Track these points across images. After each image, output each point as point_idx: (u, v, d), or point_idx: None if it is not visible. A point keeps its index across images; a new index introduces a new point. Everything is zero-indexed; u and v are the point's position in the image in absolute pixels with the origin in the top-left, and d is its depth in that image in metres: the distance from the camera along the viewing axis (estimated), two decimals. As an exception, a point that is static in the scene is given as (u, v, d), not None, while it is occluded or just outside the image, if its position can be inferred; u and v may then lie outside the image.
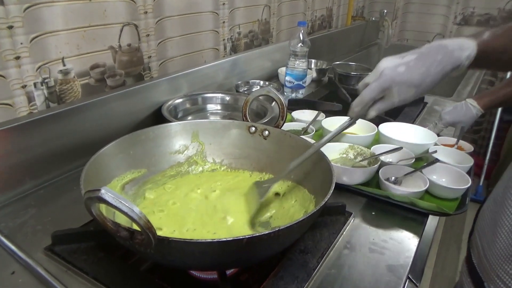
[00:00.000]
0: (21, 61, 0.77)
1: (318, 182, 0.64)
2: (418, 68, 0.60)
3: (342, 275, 0.61)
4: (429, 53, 0.61)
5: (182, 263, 0.51)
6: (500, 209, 0.61)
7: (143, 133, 0.72)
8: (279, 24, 1.66)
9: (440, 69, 0.60)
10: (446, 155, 0.92)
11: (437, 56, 0.60)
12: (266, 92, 0.76)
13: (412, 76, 0.60)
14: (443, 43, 0.62)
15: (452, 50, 0.60)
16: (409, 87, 0.60)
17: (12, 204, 0.74)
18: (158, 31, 1.07)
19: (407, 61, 0.61)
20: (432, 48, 0.62)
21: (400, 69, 0.60)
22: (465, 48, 0.60)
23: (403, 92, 0.61)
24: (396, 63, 0.61)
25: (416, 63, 0.60)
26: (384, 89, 0.61)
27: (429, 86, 0.61)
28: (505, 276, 0.59)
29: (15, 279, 0.57)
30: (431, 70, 0.60)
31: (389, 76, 0.60)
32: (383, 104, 0.63)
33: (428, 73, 0.60)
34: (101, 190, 0.39)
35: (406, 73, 0.60)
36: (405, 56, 0.62)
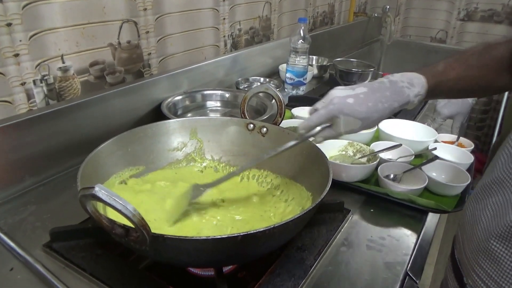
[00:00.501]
0: (20, 58, 0.77)
1: (316, 179, 0.64)
2: (366, 103, 0.61)
3: (339, 272, 0.61)
4: (379, 89, 0.62)
5: (178, 260, 0.51)
6: (479, 206, 0.62)
7: (141, 130, 0.72)
8: (280, 21, 1.65)
9: (387, 105, 0.61)
10: (446, 152, 0.91)
11: (386, 93, 0.62)
12: (265, 89, 0.76)
13: (359, 109, 0.60)
14: (394, 79, 0.63)
15: (401, 87, 0.62)
16: (355, 119, 0.61)
17: (11, 201, 0.75)
18: (157, 28, 1.07)
19: (357, 93, 0.62)
20: (383, 83, 0.63)
21: (349, 100, 0.61)
22: (415, 85, 0.62)
23: (349, 123, 0.61)
24: (346, 93, 0.62)
25: (365, 97, 0.61)
26: (331, 117, 0.62)
27: (376, 121, 0.62)
28: (480, 271, 0.60)
29: (14, 275, 0.58)
30: (378, 106, 0.61)
31: (337, 105, 0.61)
32: (330, 132, 0.64)
33: (375, 109, 0.61)
34: (95, 188, 0.40)
35: (354, 105, 0.60)
36: (356, 88, 0.63)
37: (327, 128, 0.63)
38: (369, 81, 0.64)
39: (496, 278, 0.58)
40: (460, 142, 1.00)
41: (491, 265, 0.59)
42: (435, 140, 0.96)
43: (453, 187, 0.79)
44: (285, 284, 0.56)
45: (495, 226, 0.58)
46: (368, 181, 0.83)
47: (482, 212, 0.61)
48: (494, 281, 0.58)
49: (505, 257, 0.56)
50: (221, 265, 0.56)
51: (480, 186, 0.64)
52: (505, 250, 0.56)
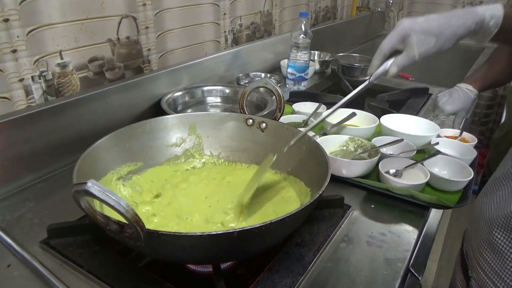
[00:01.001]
0: (18, 54, 0.77)
1: (315, 174, 0.63)
2: (438, 19, 0.59)
3: (339, 268, 0.60)
4: (450, 12, 0.60)
5: (174, 256, 0.51)
6: (487, 199, 0.61)
7: (139, 126, 0.71)
8: (282, 16, 1.64)
9: (461, 22, 0.59)
10: (449, 147, 0.90)
11: (458, 12, 0.60)
12: (264, 84, 0.75)
13: (431, 24, 0.58)
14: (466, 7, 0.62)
15: (474, 8, 0.60)
16: (428, 35, 0.58)
17: (10, 197, 0.75)
18: (157, 23, 1.06)
19: (428, 16, 0.60)
20: (454, 10, 0.61)
21: (419, 19, 0.59)
22: (490, 7, 0.60)
23: (422, 42, 0.58)
24: (416, 17, 0.60)
25: (437, 17, 0.59)
26: (403, 38, 0.59)
27: (451, 37, 0.59)
28: (484, 263, 0.59)
29: (11, 272, 0.58)
30: (451, 21, 0.58)
31: (407, 24, 0.59)
32: (403, 58, 0.60)
33: (448, 24, 0.58)
34: (88, 183, 0.39)
35: (425, 22, 0.58)
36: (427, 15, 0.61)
37: (399, 55, 0.61)
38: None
39: (498, 271, 0.57)
40: (463, 137, 0.98)
41: (493, 258, 0.58)
42: (437, 135, 0.95)
43: (456, 183, 0.77)
44: (283, 280, 0.56)
45: (497, 217, 0.57)
46: (369, 176, 0.82)
47: (488, 205, 0.60)
48: (496, 274, 0.58)
49: (506, 248, 0.56)
50: (218, 261, 0.55)
51: (491, 180, 0.63)
52: (506, 241, 0.56)
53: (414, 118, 1.03)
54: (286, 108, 1.11)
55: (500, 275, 0.57)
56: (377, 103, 1.30)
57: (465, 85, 1.02)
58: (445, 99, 1.03)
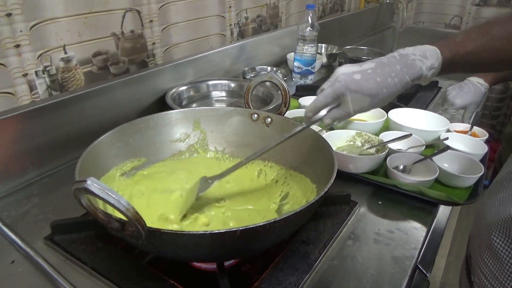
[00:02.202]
0: (21, 49, 0.76)
1: (321, 171, 0.62)
2: (375, 78, 0.57)
3: (345, 266, 0.59)
4: (388, 63, 0.58)
5: (177, 254, 0.50)
6: (489, 200, 0.60)
7: (143, 121, 0.71)
8: (288, 8, 1.62)
9: (398, 80, 0.57)
10: (459, 142, 0.88)
11: (396, 66, 0.57)
12: (269, 78, 0.73)
13: (367, 85, 0.56)
14: (405, 52, 0.59)
15: (413, 60, 0.58)
16: (364, 96, 0.57)
17: (15, 193, 0.75)
18: (161, 17, 1.04)
19: (364, 69, 0.58)
20: (393, 58, 0.59)
21: (355, 76, 0.57)
22: (428, 57, 0.58)
23: (357, 101, 0.57)
24: (353, 70, 0.58)
25: (373, 72, 0.57)
26: (338, 96, 0.58)
27: (386, 97, 0.58)
28: (484, 267, 0.58)
29: (15, 268, 0.57)
30: (388, 81, 0.57)
31: (344, 82, 0.57)
32: (338, 112, 0.60)
33: (384, 84, 0.57)
34: (87, 181, 0.38)
35: (361, 81, 0.57)
36: (363, 64, 0.59)
37: (334, 109, 0.60)
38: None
39: (497, 275, 0.56)
40: (473, 132, 0.96)
41: (493, 261, 0.57)
42: (447, 130, 0.93)
43: (465, 179, 0.76)
44: (288, 278, 0.55)
45: (496, 220, 0.56)
46: (376, 172, 0.80)
47: (490, 207, 0.59)
48: (496, 278, 0.56)
49: (504, 252, 0.55)
50: (221, 259, 0.55)
51: (495, 181, 0.62)
52: (504, 245, 0.55)
53: (423, 112, 1.01)
54: (292, 103, 1.10)
55: (499, 279, 0.55)
56: (385, 97, 1.28)
57: (476, 78, 1.00)
58: (455, 92, 1.00)
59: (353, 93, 0.57)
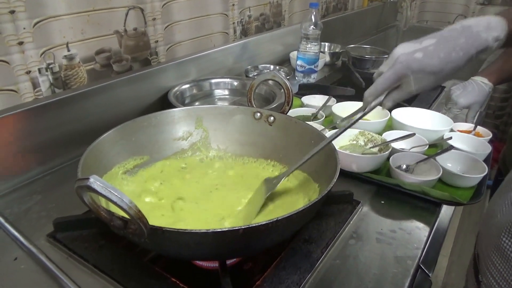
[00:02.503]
0: (24, 46, 0.76)
1: (323, 170, 0.61)
2: (438, 54, 0.54)
3: (347, 266, 0.59)
4: (450, 37, 0.55)
5: (179, 253, 0.50)
6: (499, 200, 0.59)
7: (145, 119, 0.70)
8: (292, 6, 1.61)
9: (462, 54, 0.54)
10: (462, 142, 0.88)
11: (460, 40, 0.54)
12: (272, 77, 0.73)
13: (430, 62, 0.54)
14: (467, 23, 0.56)
15: (477, 31, 0.54)
16: (427, 74, 0.54)
17: (18, 190, 0.75)
18: (164, 15, 1.04)
19: (425, 46, 0.55)
20: (454, 31, 0.56)
21: (417, 55, 0.55)
22: (493, 28, 0.55)
23: (421, 80, 0.55)
24: (413, 48, 0.55)
25: (435, 48, 0.54)
26: (400, 78, 0.56)
27: (450, 73, 0.55)
28: (493, 268, 0.57)
29: (17, 265, 0.58)
30: (452, 55, 0.54)
31: (405, 63, 0.55)
32: (399, 93, 0.58)
33: (448, 59, 0.54)
34: (90, 179, 0.38)
35: (423, 60, 0.54)
36: (424, 40, 0.56)
37: (395, 90, 0.58)
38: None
39: (506, 276, 0.56)
40: (477, 131, 0.96)
41: (501, 262, 0.57)
42: (451, 129, 0.92)
43: (469, 179, 0.75)
44: (290, 277, 0.55)
45: (506, 221, 0.55)
46: (379, 171, 0.80)
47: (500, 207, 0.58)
48: (504, 279, 0.56)
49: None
50: (224, 258, 0.55)
51: (506, 180, 0.61)
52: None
53: (427, 111, 1.01)
54: (295, 101, 1.10)
55: (507, 280, 0.55)
56: (389, 96, 1.28)
57: (480, 78, 0.99)
58: (458, 92, 1.00)
59: (415, 73, 0.54)
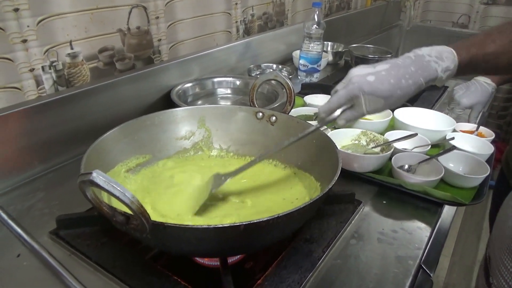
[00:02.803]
0: (28, 44, 0.77)
1: (325, 169, 0.61)
2: (388, 80, 0.57)
3: (348, 265, 0.59)
4: (402, 64, 0.58)
5: (181, 249, 0.50)
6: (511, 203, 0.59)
7: (148, 118, 0.71)
8: (295, 6, 1.61)
9: (412, 82, 0.57)
10: (465, 142, 0.87)
11: (410, 68, 0.57)
12: (274, 77, 0.73)
13: (380, 87, 0.56)
14: (420, 52, 0.59)
15: (428, 61, 0.58)
16: (377, 98, 0.57)
17: (21, 187, 0.75)
18: (168, 13, 1.05)
19: (378, 71, 0.58)
20: (408, 59, 0.59)
21: (369, 78, 0.57)
22: (444, 59, 0.57)
23: (371, 103, 0.58)
24: (367, 71, 0.58)
25: (387, 73, 0.57)
26: (352, 98, 0.58)
27: (400, 98, 0.58)
28: (504, 271, 0.57)
29: (20, 262, 0.58)
30: (402, 82, 0.57)
31: (357, 84, 0.57)
32: (352, 113, 0.60)
33: (398, 86, 0.57)
34: (93, 173, 0.39)
35: (375, 83, 0.57)
36: (377, 65, 0.59)
37: (348, 110, 0.60)
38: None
39: None
40: (480, 132, 0.95)
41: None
42: (453, 130, 0.92)
43: (471, 179, 0.75)
44: (291, 276, 0.55)
45: None
46: (381, 171, 0.80)
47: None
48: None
49: None
50: (225, 254, 0.55)
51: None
52: None
53: (429, 111, 1.01)
54: (298, 100, 1.10)
55: None
56: (391, 96, 1.27)
57: (483, 78, 0.99)
58: (461, 92, 1.00)
59: (367, 95, 0.57)
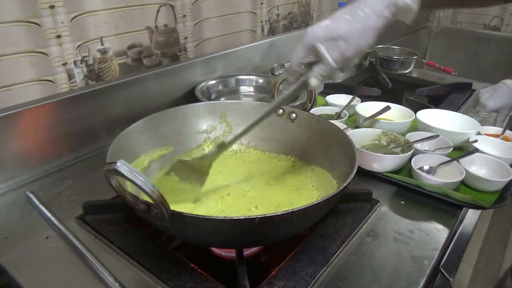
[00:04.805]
0: (62, 39, 0.81)
1: (342, 167, 0.62)
2: (343, 16, 0.51)
3: (362, 262, 0.59)
4: (357, 1, 0.52)
5: (197, 238, 0.52)
6: None
7: (172, 111, 0.73)
8: (320, 6, 1.61)
9: (371, 11, 0.50)
10: (489, 146, 0.86)
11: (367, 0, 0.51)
12: (295, 74, 0.74)
13: (336, 26, 0.50)
14: None
15: None
16: (335, 40, 0.50)
17: (51, 174, 0.79)
18: (194, 12, 1.07)
19: (333, 15, 0.52)
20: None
21: (323, 23, 0.52)
22: None
23: (332, 48, 0.51)
24: (322, 21, 0.53)
25: (341, 13, 0.51)
26: (308, 48, 0.53)
27: (363, 34, 0.51)
28: None
29: (49, 243, 0.62)
30: (358, 14, 0.50)
31: (310, 33, 0.52)
32: (320, 67, 0.53)
33: (355, 19, 0.50)
34: (117, 163, 0.41)
35: (329, 26, 0.51)
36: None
37: (315, 65, 0.54)
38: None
39: None
40: (506, 136, 0.93)
41: None
42: (477, 132, 0.91)
43: (493, 183, 0.74)
44: (304, 270, 0.56)
45: None
46: (400, 172, 0.80)
47: None
48: None
49: None
50: (240, 246, 0.56)
51: None
52: None
53: (453, 114, 0.99)
54: (320, 100, 1.11)
55: None
56: (416, 98, 1.26)
57: (511, 81, 0.96)
58: (487, 95, 0.97)
59: (323, 40, 0.51)
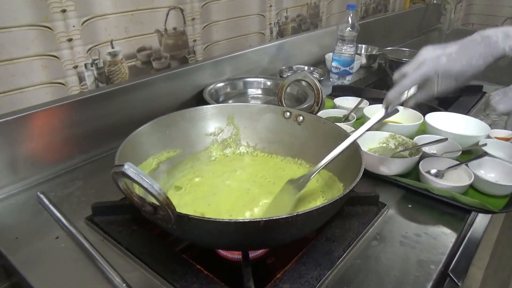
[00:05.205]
0: (73, 43, 0.82)
1: (349, 170, 0.62)
2: (460, 61, 0.61)
3: (368, 266, 0.59)
4: (471, 46, 0.62)
5: (203, 240, 0.53)
6: None
7: (180, 114, 0.74)
8: (330, 8, 1.61)
9: (482, 61, 0.61)
10: (498, 149, 0.85)
11: (479, 48, 0.61)
12: (302, 77, 0.75)
13: (453, 67, 0.61)
14: (486, 34, 0.62)
15: (495, 41, 0.61)
16: (449, 78, 0.62)
17: (61, 175, 0.81)
18: (203, 15, 1.08)
19: (449, 53, 0.62)
20: (474, 41, 0.62)
21: (442, 60, 0.61)
22: (510, 37, 0.60)
23: (443, 83, 0.62)
24: (438, 53, 0.62)
25: (458, 55, 0.61)
26: (425, 79, 0.62)
27: (470, 78, 0.62)
28: None
29: (58, 243, 0.63)
30: (472, 62, 0.61)
31: (432, 66, 0.61)
32: (422, 94, 0.65)
33: (469, 65, 0.61)
34: (124, 166, 0.42)
35: (447, 65, 0.61)
36: (447, 47, 0.63)
37: (418, 91, 0.65)
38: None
39: None
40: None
41: None
42: (487, 136, 0.90)
43: (502, 187, 0.73)
44: (310, 273, 0.56)
45: None
46: (408, 175, 0.79)
47: None
48: None
49: None
50: (245, 248, 0.57)
51: None
52: None
53: (463, 117, 0.98)
54: (328, 102, 1.11)
55: None
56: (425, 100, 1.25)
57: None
58: (498, 97, 0.96)
59: (440, 76, 0.61)
